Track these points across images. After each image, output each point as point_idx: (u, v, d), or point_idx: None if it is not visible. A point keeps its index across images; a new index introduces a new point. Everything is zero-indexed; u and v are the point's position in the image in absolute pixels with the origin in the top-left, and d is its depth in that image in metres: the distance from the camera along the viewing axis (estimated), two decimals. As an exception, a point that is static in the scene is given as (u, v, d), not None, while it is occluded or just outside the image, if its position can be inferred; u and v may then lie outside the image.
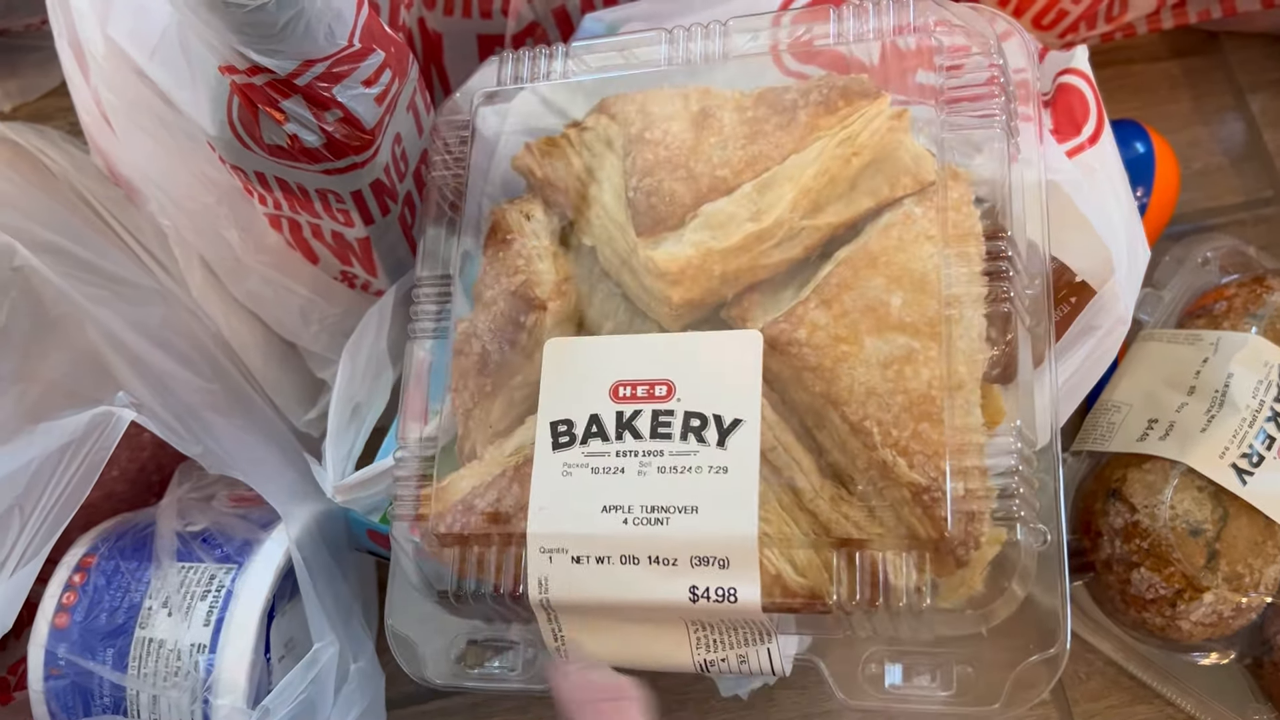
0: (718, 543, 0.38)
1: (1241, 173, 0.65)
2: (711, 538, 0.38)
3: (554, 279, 0.44)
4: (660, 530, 0.38)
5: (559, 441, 0.41)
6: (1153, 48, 0.68)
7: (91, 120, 0.51)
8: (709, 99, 0.44)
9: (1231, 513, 0.49)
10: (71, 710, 0.46)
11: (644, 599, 0.38)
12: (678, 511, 0.38)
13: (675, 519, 0.38)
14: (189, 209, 0.49)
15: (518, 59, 0.48)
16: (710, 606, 0.38)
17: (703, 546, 0.38)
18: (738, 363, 0.40)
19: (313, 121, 0.41)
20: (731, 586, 0.37)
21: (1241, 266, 0.58)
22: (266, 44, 0.38)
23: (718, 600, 0.37)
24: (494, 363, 0.44)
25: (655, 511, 0.38)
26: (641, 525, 0.38)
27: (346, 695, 0.47)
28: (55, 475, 0.44)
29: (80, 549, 0.49)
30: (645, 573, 0.38)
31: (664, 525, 0.38)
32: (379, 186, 0.47)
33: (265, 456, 0.51)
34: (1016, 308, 0.39)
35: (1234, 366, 0.51)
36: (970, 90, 0.41)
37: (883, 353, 0.38)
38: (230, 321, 0.53)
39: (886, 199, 0.41)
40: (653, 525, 0.38)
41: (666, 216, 0.42)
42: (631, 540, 0.38)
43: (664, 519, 0.38)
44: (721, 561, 0.37)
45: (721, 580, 0.37)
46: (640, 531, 0.38)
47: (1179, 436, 0.51)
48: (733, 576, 0.37)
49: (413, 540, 0.44)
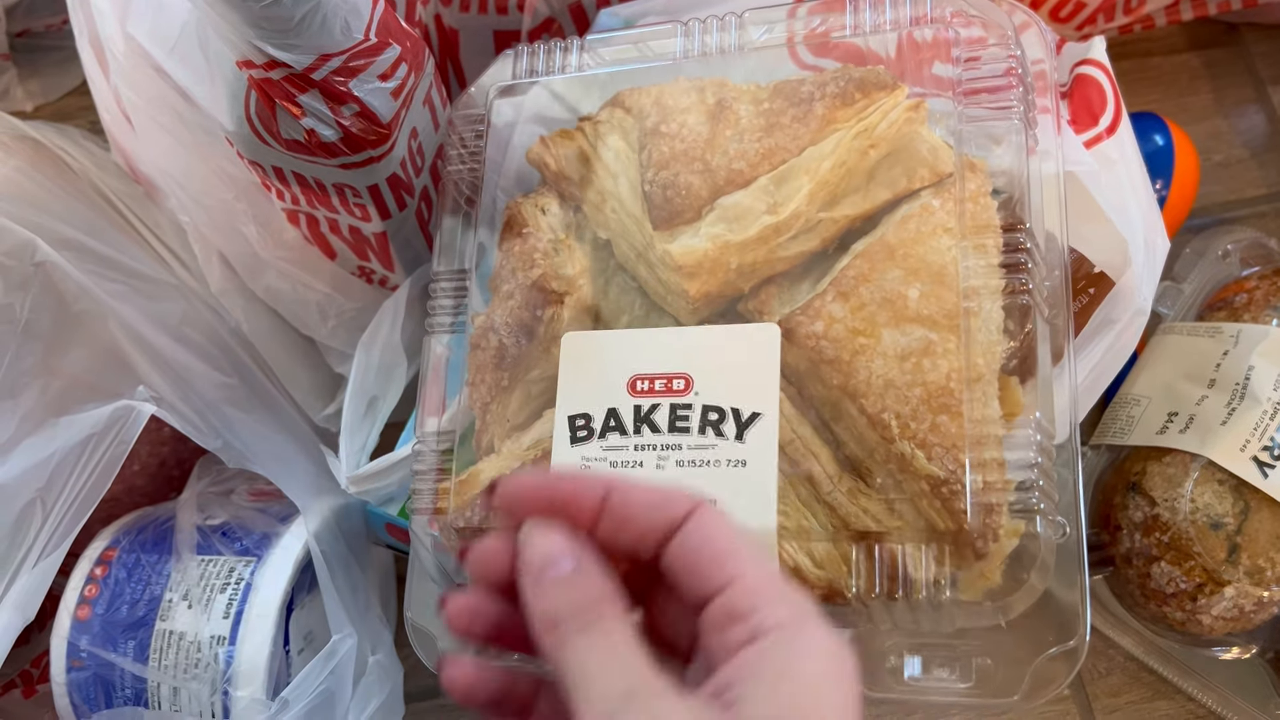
0: (735, 535, 0.37)
1: (1262, 165, 0.65)
2: (729, 530, 0.38)
3: (570, 272, 0.44)
4: (678, 523, 0.38)
5: (577, 435, 0.41)
6: (1172, 40, 0.67)
7: (112, 118, 0.51)
8: (725, 91, 0.43)
9: (1253, 506, 0.49)
10: (93, 702, 0.47)
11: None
12: (695, 504, 0.38)
13: (693, 512, 0.38)
14: (208, 205, 0.49)
15: (532, 53, 0.48)
16: (728, 599, 0.38)
17: (720, 539, 0.38)
18: (755, 356, 0.40)
19: (329, 116, 0.41)
20: (749, 579, 0.37)
21: (1262, 259, 0.58)
22: (283, 38, 0.39)
23: (735, 592, 0.37)
24: (511, 356, 0.44)
25: (673, 504, 0.38)
26: (659, 518, 0.38)
27: (365, 687, 0.47)
28: (77, 468, 0.44)
29: (102, 542, 0.49)
30: (662, 565, 0.38)
31: (681, 518, 0.38)
32: (395, 181, 0.47)
33: (284, 451, 0.51)
34: (1035, 299, 0.38)
35: (1255, 359, 0.51)
36: (988, 82, 0.41)
37: (901, 345, 0.38)
38: (249, 317, 0.53)
39: (904, 191, 0.41)
40: (670, 518, 0.38)
41: (683, 209, 0.42)
42: (649, 533, 0.38)
43: (682, 512, 0.38)
44: (739, 554, 0.37)
45: (739, 572, 0.37)
46: (657, 524, 0.38)
47: (1199, 429, 0.50)
48: (750, 569, 0.37)
49: (431, 533, 0.44)
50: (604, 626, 0.26)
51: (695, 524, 0.27)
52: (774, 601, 0.25)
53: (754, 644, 0.25)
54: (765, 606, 0.25)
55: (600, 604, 0.26)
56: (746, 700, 0.24)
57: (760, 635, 0.25)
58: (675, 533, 0.27)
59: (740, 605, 0.25)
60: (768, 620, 0.25)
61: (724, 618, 0.25)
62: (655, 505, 0.27)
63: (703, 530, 0.27)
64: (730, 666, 0.25)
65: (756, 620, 0.25)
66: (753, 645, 0.25)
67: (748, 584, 0.25)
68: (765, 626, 0.25)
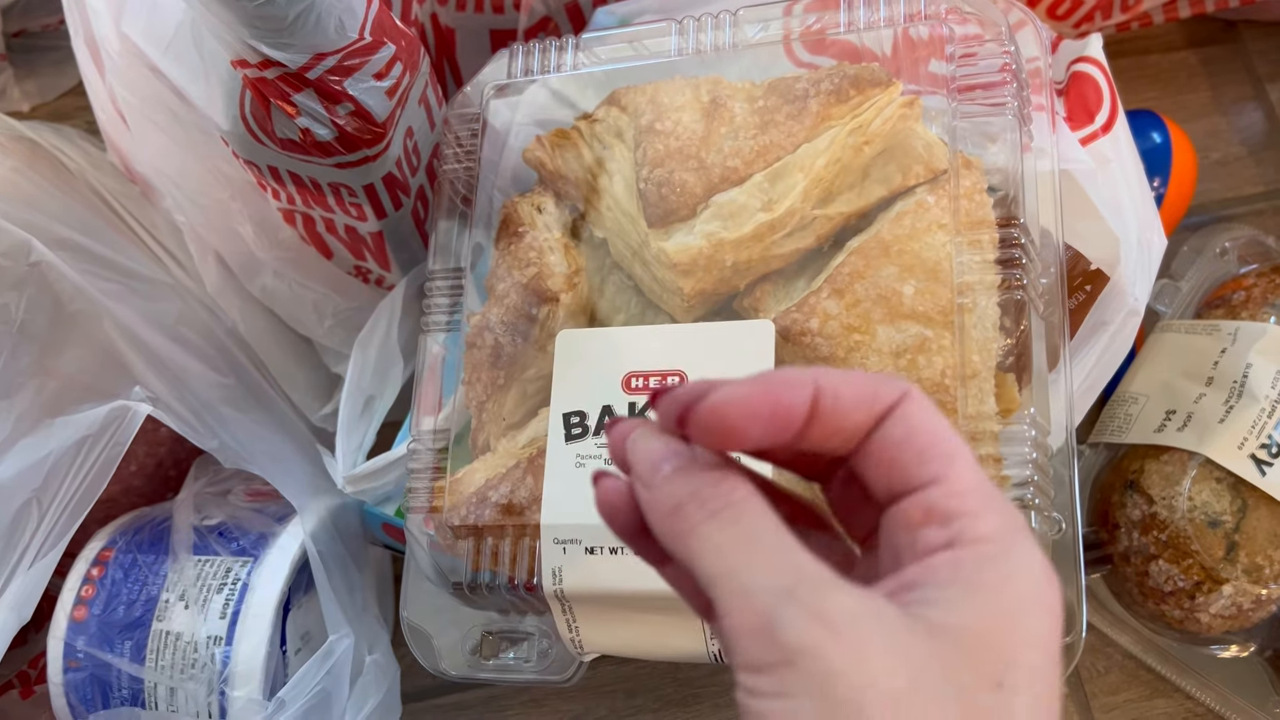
0: (730, 533, 0.37)
1: (1261, 162, 0.65)
2: (724, 528, 0.37)
3: (565, 271, 0.44)
4: (673, 520, 0.38)
5: (572, 433, 0.41)
6: (1170, 37, 0.67)
7: (107, 117, 0.51)
8: (719, 89, 0.43)
9: (1250, 504, 0.48)
10: (90, 702, 0.47)
11: (658, 589, 0.38)
12: (690, 502, 0.38)
13: (688, 509, 0.38)
14: (203, 205, 0.49)
15: (528, 51, 0.48)
16: (723, 597, 0.38)
17: (715, 536, 0.38)
18: (750, 353, 0.40)
19: (324, 115, 0.41)
20: (744, 576, 0.37)
21: (1260, 256, 0.58)
22: (277, 37, 0.39)
23: (730, 590, 0.37)
24: (506, 355, 0.44)
25: (668, 502, 0.38)
26: (654, 516, 0.38)
27: (362, 687, 0.47)
28: (72, 469, 0.44)
29: (98, 543, 0.49)
30: (658, 563, 0.38)
31: (676, 515, 0.38)
32: (391, 180, 0.47)
33: (281, 451, 0.51)
34: (1030, 295, 0.38)
35: (1253, 356, 0.51)
36: (982, 79, 0.41)
37: (895, 341, 0.38)
38: (245, 317, 0.53)
39: (899, 187, 0.41)
40: (665, 516, 0.38)
41: (678, 207, 0.42)
42: (644, 531, 0.38)
43: (676, 509, 0.38)
44: (734, 551, 0.37)
45: (734, 570, 0.37)
46: (653, 522, 0.38)
47: (1197, 427, 0.50)
48: (745, 566, 0.37)
49: (427, 533, 0.44)
50: (737, 512, 0.23)
51: (900, 414, 0.23)
52: (981, 510, 0.22)
53: (952, 550, 0.22)
54: (971, 513, 0.22)
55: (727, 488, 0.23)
56: (935, 606, 0.21)
57: (960, 543, 0.22)
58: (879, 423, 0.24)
59: (942, 507, 0.22)
60: (971, 530, 0.22)
61: (921, 517, 0.23)
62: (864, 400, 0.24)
63: (908, 421, 0.23)
64: (920, 568, 0.22)
65: (959, 527, 0.22)
66: (950, 551, 0.22)
67: (953, 486, 0.23)
68: (968, 536, 0.22)
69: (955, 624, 0.21)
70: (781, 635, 0.20)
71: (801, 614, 0.20)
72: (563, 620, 0.41)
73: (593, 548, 0.39)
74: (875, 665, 0.20)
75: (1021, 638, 0.21)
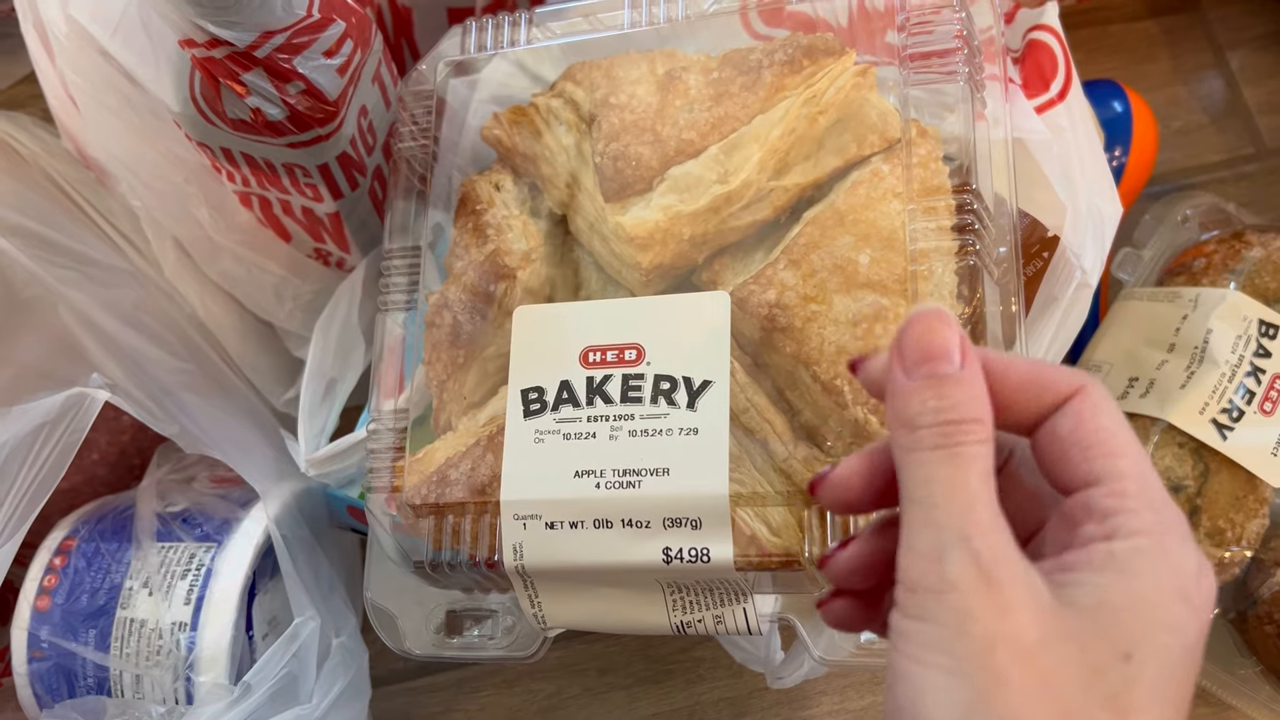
0: (689, 504, 0.37)
1: (1222, 130, 0.65)
2: (683, 499, 0.38)
3: (524, 248, 0.44)
4: (632, 493, 0.38)
5: (530, 409, 0.41)
6: (1131, 7, 0.68)
7: (59, 103, 0.50)
8: (674, 62, 0.43)
9: (1212, 468, 0.49)
10: (56, 692, 0.46)
11: (618, 562, 0.38)
12: (649, 474, 0.38)
13: (647, 482, 0.38)
14: (158, 189, 0.49)
15: (481, 27, 0.48)
16: (684, 567, 0.38)
17: (675, 508, 0.38)
18: (707, 324, 0.39)
19: (274, 94, 0.41)
20: (704, 547, 0.37)
21: (1221, 223, 0.58)
22: (223, 15, 0.38)
23: (691, 561, 0.37)
24: (466, 334, 0.44)
25: (627, 475, 0.38)
26: (614, 489, 0.38)
27: (329, 670, 0.47)
28: (29, 457, 0.44)
29: (60, 532, 0.49)
30: (619, 536, 0.38)
31: (636, 488, 0.38)
32: (346, 160, 0.46)
33: (243, 436, 0.51)
34: (984, 260, 0.38)
35: (1213, 322, 0.51)
36: (935, 46, 0.41)
37: (852, 311, 0.38)
38: (205, 302, 0.53)
39: (854, 157, 0.41)
40: (625, 489, 0.38)
41: (634, 181, 0.42)
42: (604, 504, 0.38)
43: (636, 482, 0.38)
44: (694, 522, 0.37)
45: (694, 541, 0.37)
46: (613, 495, 0.38)
47: (1159, 394, 0.50)
48: (705, 537, 0.37)
49: (389, 513, 0.44)
50: (964, 453, 0.24)
51: (1072, 408, 0.25)
52: (1140, 508, 0.24)
53: (1109, 542, 0.24)
54: (1129, 511, 0.24)
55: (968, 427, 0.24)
56: (1080, 586, 0.23)
57: (1117, 537, 0.24)
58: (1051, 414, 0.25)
59: (1101, 506, 0.24)
60: (1127, 525, 0.24)
61: (1082, 514, 0.24)
62: (1031, 384, 0.25)
63: (1078, 416, 0.25)
64: (1078, 553, 0.24)
65: (1117, 522, 0.24)
66: (1106, 543, 0.24)
67: (1114, 486, 0.24)
68: (1124, 530, 0.24)
69: (1096, 602, 0.23)
70: (943, 568, 0.23)
71: (967, 558, 0.23)
72: (525, 596, 0.41)
73: (552, 523, 0.39)
74: (1012, 619, 0.23)
75: (1157, 620, 0.23)
